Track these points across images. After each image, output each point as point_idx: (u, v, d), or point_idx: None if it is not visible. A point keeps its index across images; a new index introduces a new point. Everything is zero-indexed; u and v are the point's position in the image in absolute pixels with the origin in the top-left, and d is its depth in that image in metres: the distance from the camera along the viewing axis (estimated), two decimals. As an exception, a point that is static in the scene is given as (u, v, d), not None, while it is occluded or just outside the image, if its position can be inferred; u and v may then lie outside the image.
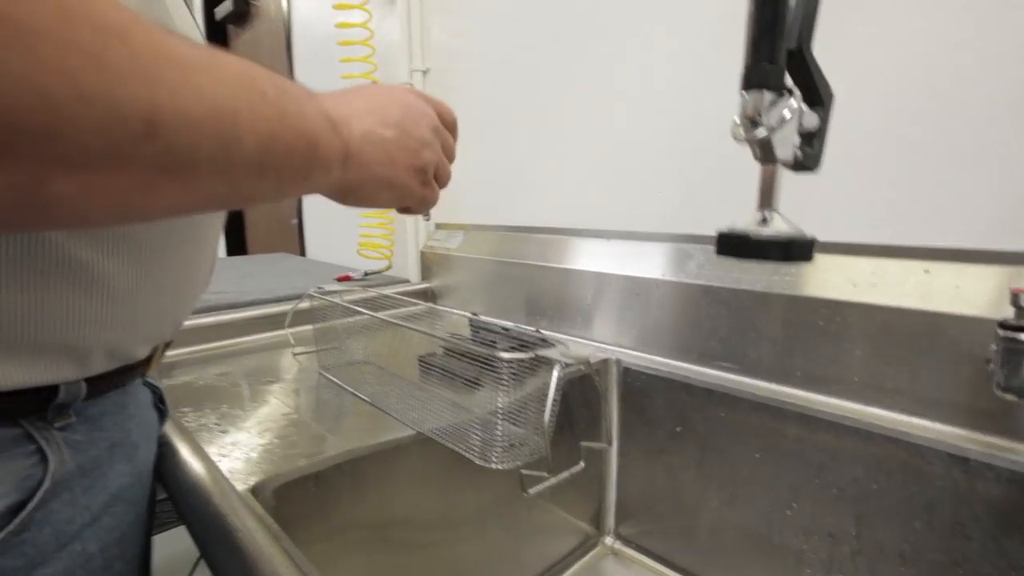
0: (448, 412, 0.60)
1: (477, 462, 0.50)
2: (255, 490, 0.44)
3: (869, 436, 0.55)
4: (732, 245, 0.33)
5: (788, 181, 0.37)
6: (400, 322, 0.63)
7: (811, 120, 0.34)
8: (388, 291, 1.12)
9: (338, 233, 1.57)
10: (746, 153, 0.36)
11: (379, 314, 0.65)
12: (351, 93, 0.35)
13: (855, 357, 0.58)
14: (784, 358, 0.63)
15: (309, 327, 0.79)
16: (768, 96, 0.31)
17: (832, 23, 0.53)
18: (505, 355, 0.47)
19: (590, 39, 0.84)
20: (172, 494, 0.46)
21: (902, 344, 0.55)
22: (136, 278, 0.34)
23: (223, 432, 0.54)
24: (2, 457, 0.31)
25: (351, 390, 0.66)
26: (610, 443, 0.71)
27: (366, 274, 1.17)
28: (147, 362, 0.41)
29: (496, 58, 1.00)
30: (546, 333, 0.85)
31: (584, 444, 0.61)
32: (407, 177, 0.35)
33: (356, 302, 0.72)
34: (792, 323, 0.62)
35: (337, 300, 0.73)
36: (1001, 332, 0.44)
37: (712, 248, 0.54)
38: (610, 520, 0.77)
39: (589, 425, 0.72)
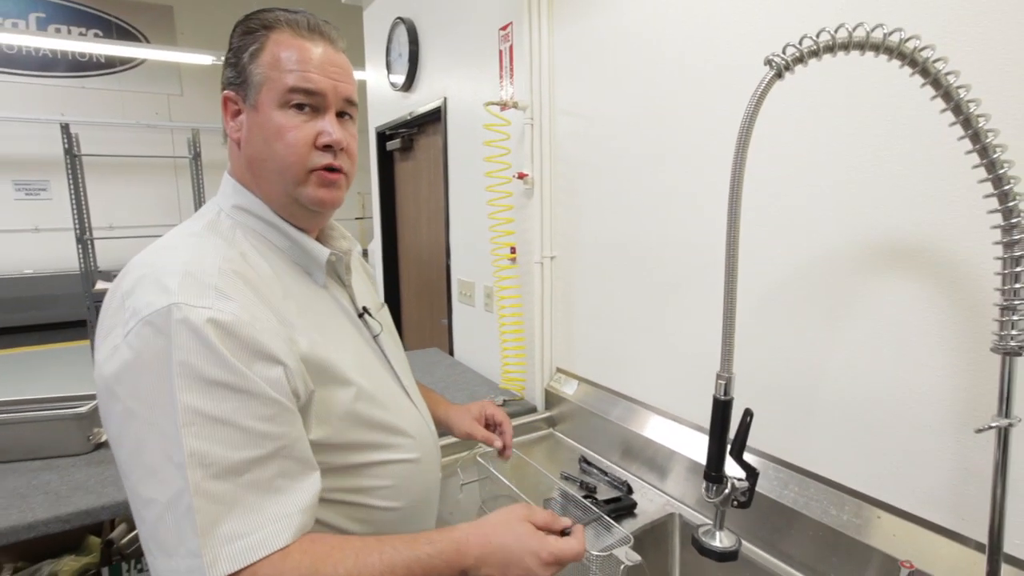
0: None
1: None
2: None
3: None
4: (697, 545, 0.69)
5: (795, 428, 0.71)
6: (536, 464, 1.04)
7: (743, 486, 0.68)
8: (522, 419, 1.55)
9: (481, 342, 2.04)
10: (786, 394, 0.71)
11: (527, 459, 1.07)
12: (497, 539, 0.57)
13: (831, 562, 0.88)
14: (790, 548, 0.94)
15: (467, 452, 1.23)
16: (716, 486, 0.67)
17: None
18: (594, 552, 0.85)
19: (683, 267, 1.20)
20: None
21: (856, 565, 0.84)
22: None
23: None
24: None
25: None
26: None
27: (505, 402, 1.61)
28: None
29: (604, 265, 1.39)
30: (634, 481, 1.21)
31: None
32: None
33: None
34: (801, 529, 0.93)
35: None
36: (894, 585, 0.73)
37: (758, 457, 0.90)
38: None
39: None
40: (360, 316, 0.76)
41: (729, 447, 0.67)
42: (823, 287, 0.91)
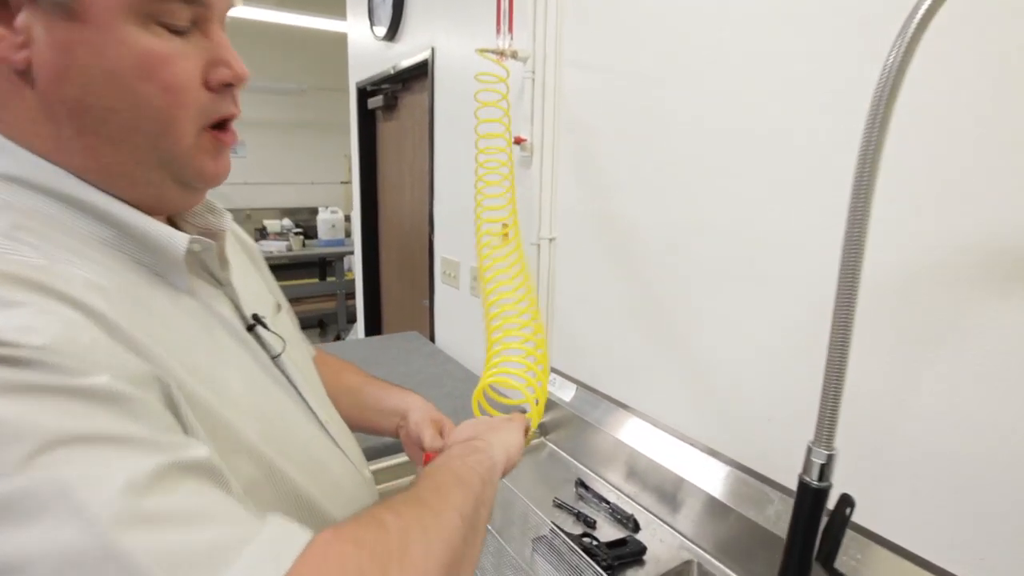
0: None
1: None
2: None
3: None
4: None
5: (862, 478, 0.51)
6: (523, 496, 0.84)
7: (832, 598, 0.48)
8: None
9: (465, 329, 1.82)
10: (854, 433, 0.50)
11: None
12: (498, 435, 0.64)
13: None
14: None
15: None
16: (794, 601, 0.46)
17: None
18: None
19: (711, 263, 0.98)
20: None
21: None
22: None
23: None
24: None
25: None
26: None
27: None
28: None
29: (614, 253, 1.16)
30: (640, 514, 1.01)
31: None
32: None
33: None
34: None
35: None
36: None
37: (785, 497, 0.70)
38: None
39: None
40: (250, 329, 0.52)
41: (815, 550, 0.46)
42: (916, 303, 0.69)
